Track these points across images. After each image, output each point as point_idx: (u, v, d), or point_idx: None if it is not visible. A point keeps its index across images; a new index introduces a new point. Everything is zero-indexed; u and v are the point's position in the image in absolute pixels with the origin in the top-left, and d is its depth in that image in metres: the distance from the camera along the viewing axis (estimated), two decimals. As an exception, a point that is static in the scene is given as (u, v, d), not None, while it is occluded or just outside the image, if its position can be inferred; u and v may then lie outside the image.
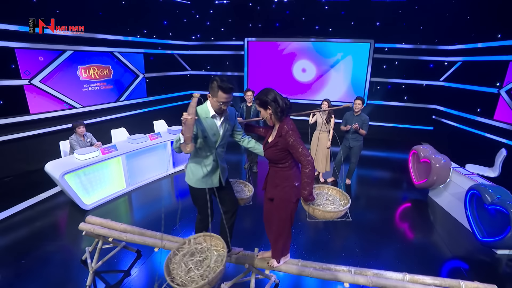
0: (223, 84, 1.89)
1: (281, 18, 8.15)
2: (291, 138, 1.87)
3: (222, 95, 1.91)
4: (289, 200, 2.04)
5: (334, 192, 2.32)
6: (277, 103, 1.90)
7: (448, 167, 4.08)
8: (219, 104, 1.94)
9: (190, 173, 2.15)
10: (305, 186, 1.91)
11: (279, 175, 2.03)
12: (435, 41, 7.18)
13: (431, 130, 7.65)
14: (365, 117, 4.54)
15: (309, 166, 1.86)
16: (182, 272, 1.70)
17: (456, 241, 3.51)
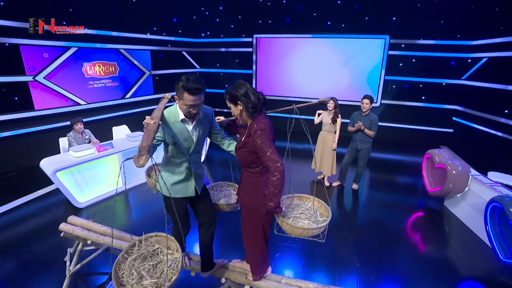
0: (189, 84, 1.59)
1: (292, 14, 7.86)
2: (259, 139, 1.61)
3: (188, 97, 1.63)
4: (259, 210, 1.79)
5: (317, 206, 1.98)
6: (248, 98, 1.64)
7: (467, 174, 3.66)
8: (186, 107, 1.67)
9: (161, 180, 1.92)
10: (271, 196, 1.63)
11: (250, 181, 1.79)
12: (458, 36, 6.63)
13: (451, 133, 7.10)
14: (373, 117, 4.19)
15: (277, 174, 1.57)
16: (133, 280, 1.50)
17: (473, 259, 3.12)
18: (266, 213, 1.79)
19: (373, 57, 7.32)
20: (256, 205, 1.79)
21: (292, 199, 2.02)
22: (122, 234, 2.48)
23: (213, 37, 8.76)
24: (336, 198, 4.50)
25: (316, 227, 1.72)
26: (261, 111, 1.73)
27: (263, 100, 1.70)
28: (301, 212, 1.90)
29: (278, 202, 1.64)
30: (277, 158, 1.59)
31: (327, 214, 1.86)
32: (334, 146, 4.52)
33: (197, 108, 1.71)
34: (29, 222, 3.59)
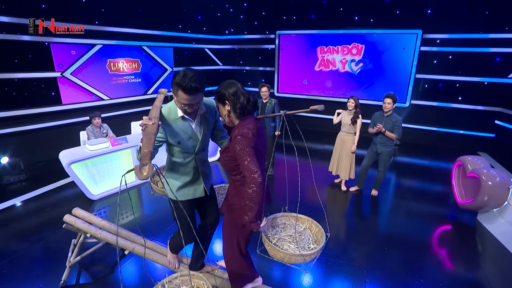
0: (184, 81, 1.41)
1: (317, 9, 7.55)
2: (238, 145, 1.44)
3: (183, 96, 1.46)
4: (234, 222, 1.64)
5: (313, 230, 1.72)
6: (237, 98, 1.51)
7: (507, 186, 3.19)
8: (181, 105, 1.51)
9: (166, 183, 1.80)
10: (246, 210, 1.45)
11: (231, 189, 1.65)
12: (506, 28, 5.87)
13: (492, 138, 6.34)
14: (396, 119, 3.82)
15: (253, 186, 1.39)
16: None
17: (508, 285, 2.69)
18: (242, 226, 1.62)
19: (404, 54, 6.76)
20: (233, 216, 1.65)
21: (289, 218, 1.82)
22: (120, 230, 2.47)
23: (237, 34, 8.71)
24: (352, 204, 4.19)
25: (298, 254, 1.49)
26: (250, 113, 1.58)
27: (253, 103, 1.55)
28: (291, 234, 1.67)
29: (253, 217, 1.45)
30: (255, 169, 1.40)
31: (320, 240, 1.63)
32: (353, 149, 4.22)
33: (193, 108, 1.55)
34: (46, 210, 3.78)
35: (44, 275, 2.63)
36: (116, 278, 2.63)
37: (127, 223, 3.53)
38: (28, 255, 2.91)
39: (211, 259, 2.50)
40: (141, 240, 2.34)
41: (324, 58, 7.82)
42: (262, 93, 4.57)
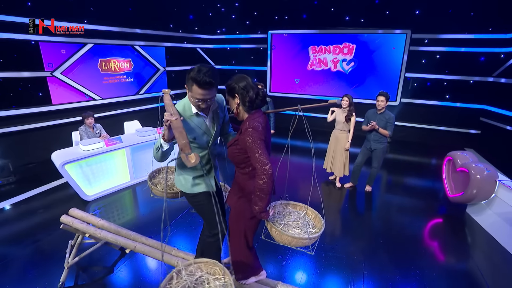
0: (199, 76, 1.44)
1: (308, 9, 7.64)
2: (249, 137, 1.48)
3: (197, 91, 1.49)
4: (242, 214, 1.68)
5: (311, 216, 1.81)
6: (247, 92, 1.56)
7: (494, 179, 3.33)
8: (195, 100, 1.55)
9: (181, 178, 1.80)
10: (256, 200, 1.50)
11: (239, 181, 1.68)
12: (490, 29, 6.11)
13: (478, 134, 6.58)
14: (389, 116, 3.92)
15: (264, 177, 1.44)
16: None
17: (497, 274, 2.82)
18: (251, 218, 1.67)
19: (394, 53, 6.93)
20: (241, 208, 1.69)
21: (286, 206, 1.88)
22: (119, 229, 2.45)
23: (228, 34, 8.71)
24: (347, 200, 4.27)
25: (306, 237, 1.56)
26: (259, 107, 1.63)
27: (262, 97, 1.60)
28: (293, 220, 1.74)
29: (264, 207, 1.51)
30: (266, 161, 1.45)
31: (320, 226, 1.70)
32: (347, 146, 4.30)
33: (207, 104, 1.58)
34: (39, 212, 3.69)
35: (40, 277, 2.58)
36: (115, 279, 2.60)
37: (124, 223, 3.48)
38: (22, 258, 2.84)
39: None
40: (142, 238, 2.33)
41: (316, 57, 7.92)
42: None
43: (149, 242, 2.29)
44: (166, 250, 2.21)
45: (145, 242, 2.29)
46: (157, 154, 1.58)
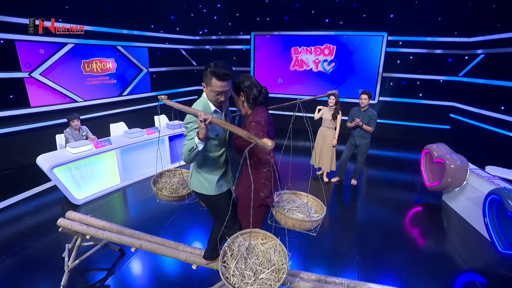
0: (217, 69, 1.55)
1: (289, 12, 7.86)
2: (253, 130, 1.62)
3: (217, 83, 1.59)
4: (249, 203, 1.79)
5: (312, 203, 1.98)
6: (251, 90, 1.70)
7: (465, 168, 3.68)
8: (214, 94, 1.63)
9: (203, 182, 1.81)
10: (262, 187, 1.67)
11: (245, 172, 1.80)
12: (455, 33, 6.66)
13: (448, 129, 7.14)
14: (372, 113, 4.20)
15: (267, 166, 1.62)
16: (251, 280, 1.37)
17: (472, 252, 3.14)
18: (258, 206, 1.78)
19: (371, 54, 7.33)
20: (248, 199, 1.78)
21: (289, 195, 2.02)
22: (122, 228, 2.45)
23: (210, 35, 8.73)
24: (335, 193, 4.50)
25: (308, 220, 1.72)
26: (262, 104, 1.77)
27: (265, 94, 1.74)
28: (297, 206, 1.89)
29: (269, 193, 1.66)
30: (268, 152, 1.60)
31: (321, 211, 1.86)
32: (334, 143, 4.52)
33: (225, 96, 1.67)
34: (26, 219, 3.54)
35: (37, 284, 2.52)
36: (116, 280, 2.60)
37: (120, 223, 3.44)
38: (14, 266, 2.73)
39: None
40: (147, 236, 2.36)
41: (298, 58, 8.16)
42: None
43: (154, 239, 2.32)
44: (172, 246, 2.25)
45: (150, 240, 2.32)
46: (189, 155, 1.58)
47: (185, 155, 1.59)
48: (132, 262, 2.82)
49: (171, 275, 2.69)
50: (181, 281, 2.59)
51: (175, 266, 2.79)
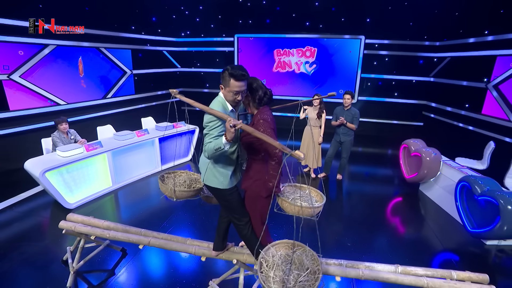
0: (235, 71, 1.71)
1: (271, 15, 8.09)
2: (261, 127, 1.80)
3: (235, 84, 1.73)
4: (259, 194, 1.98)
5: (313, 194, 2.19)
6: (256, 92, 1.89)
7: (439, 160, 4.08)
8: (232, 94, 1.76)
9: (218, 176, 1.92)
10: (270, 177, 1.86)
11: (253, 167, 1.97)
12: (425, 37, 7.23)
13: (421, 126, 7.72)
14: (355, 112, 4.51)
15: (275, 159, 1.82)
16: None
17: (447, 234, 3.51)
18: (266, 197, 1.96)
19: (350, 56, 7.75)
20: (258, 189, 1.97)
21: (293, 187, 2.22)
22: (127, 227, 2.52)
23: (193, 37, 8.76)
24: (322, 188, 4.76)
25: (311, 207, 1.92)
26: (266, 104, 1.95)
27: (269, 96, 1.93)
28: (299, 196, 2.08)
29: (277, 183, 1.86)
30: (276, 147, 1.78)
31: (321, 200, 2.08)
32: (320, 140, 4.79)
33: (242, 95, 1.81)
34: (15, 225, 3.45)
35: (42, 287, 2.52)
36: (119, 280, 2.64)
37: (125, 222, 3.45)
38: (13, 272, 2.69)
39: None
40: (153, 233, 2.44)
41: (280, 60, 8.42)
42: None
43: (161, 235, 2.41)
44: (180, 241, 2.36)
45: (157, 236, 2.40)
46: (215, 153, 1.72)
47: (210, 152, 1.73)
48: (135, 261, 2.87)
49: (174, 272, 2.77)
50: (185, 277, 2.69)
51: (177, 264, 2.87)
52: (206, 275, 2.64)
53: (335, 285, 2.64)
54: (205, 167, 1.94)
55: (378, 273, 2.03)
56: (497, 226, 2.77)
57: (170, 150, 5.35)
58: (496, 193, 2.84)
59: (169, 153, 5.35)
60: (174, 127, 5.29)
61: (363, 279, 2.01)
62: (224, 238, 2.19)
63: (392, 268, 2.09)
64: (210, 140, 1.75)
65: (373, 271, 2.06)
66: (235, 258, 2.12)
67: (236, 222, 2.00)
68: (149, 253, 3.00)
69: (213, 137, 1.74)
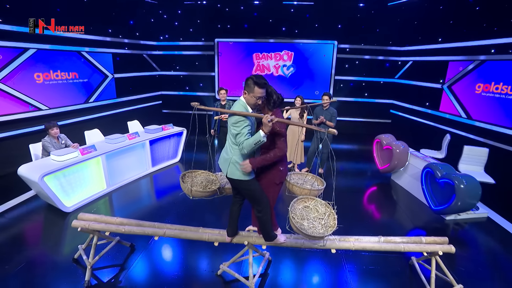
0: (258, 80, 2.06)
1: (249, 20, 8.44)
2: (278, 126, 2.19)
3: (258, 90, 2.07)
4: (273, 181, 2.34)
5: (315, 180, 2.70)
6: (271, 96, 2.24)
7: (407, 151, 4.69)
8: (256, 99, 2.10)
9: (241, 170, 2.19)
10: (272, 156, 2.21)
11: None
12: (390, 42, 8.03)
13: (389, 123, 8.52)
14: (333, 111, 5.00)
15: (279, 153, 2.22)
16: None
17: (415, 213, 4.10)
18: (279, 183, 2.33)
19: (325, 60, 8.35)
20: (271, 177, 2.31)
21: (297, 174, 2.62)
22: (140, 222, 2.71)
23: (172, 41, 8.83)
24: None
25: (317, 189, 2.38)
26: (278, 106, 2.33)
27: (281, 100, 2.31)
28: (304, 181, 2.47)
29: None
30: (285, 144, 2.23)
31: (321, 184, 2.54)
32: (302, 138, 5.22)
33: (262, 100, 2.15)
34: (11, 231, 3.44)
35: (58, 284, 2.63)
36: (133, 272, 2.81)
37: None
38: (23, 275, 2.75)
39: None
40: (166, 225, 2.66)
41: (259, 63, 8.81)
42: (220, 95, 5.15)
43: (174, 227, 2.64)
44: (193, 230, 2.61)
45: (171, 228, 2.63)
46: (254, 147, 2.04)
47: (249, 147, 2.04)
48: (145, 255, 3.04)
49: (182, 262, 3.00)
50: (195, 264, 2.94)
51: (184, 254, 3.10)
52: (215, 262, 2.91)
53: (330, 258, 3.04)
54: (226, 163, 2.22)
55: (366, 244, 2.45)
56: (453, 203, 3.36)
57: (159, 152, 5.49)
58: (452, 175, 3.44)
59: (158, 155, 5.48)
60: (163, 129, 5.44)
61: (353, 249, 2.42)
62: (236, 224, 2.48)
63: (376, 239, 2.53)
64: (246, 137, 2.06)
65: (361, 242, 2.48)
66: (246, 240, 2.43)
67: (257, 207, 2.30)
68: (157, 247, 3.19)
69: (245, 134, 2.06)
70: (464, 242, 3.50)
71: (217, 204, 4.00)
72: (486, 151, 4.44)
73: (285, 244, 2.47)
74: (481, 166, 4.44)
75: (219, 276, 2.73)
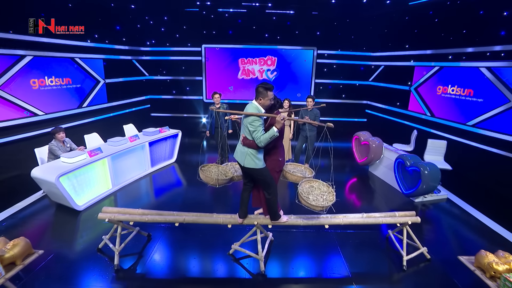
0: (267, 85, 2.61)
1: (234, 26, 8.90)
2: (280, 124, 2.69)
3: (270, 94, 2.62)
4: (274, 170, 2.86)
5: (306, 170, 3.42)
6: (275, 101, 2.78)
7: (382, 146, 5.39)
8: (270, 100, 2.63)
9: (256, 160, 2.63)
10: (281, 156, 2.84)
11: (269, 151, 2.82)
12: (364, 48, 8.85)
13: (365, 122, 9.36)
14: (316, 111, 5.60)
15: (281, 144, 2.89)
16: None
17: (390, 199, 4.78)
18: (278, 171, 2.87)
19: (305, 65, 9.02)
20: (272, 166, 2.82)
21: (292, 165, 3.13)
22: (160, 211, 3.10)
23: (158, 46, 9.07)
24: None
25: (308, 177, 3.01)
26: (278, 109, 2.84)
27: (280, 103, 2.90)
28: (296, 171, 3.01)
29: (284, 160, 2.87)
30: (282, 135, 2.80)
31: (311, 173, 3.15)
32: (290, 136, 5.79)
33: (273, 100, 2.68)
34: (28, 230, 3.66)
35: (89, 272, 2.95)
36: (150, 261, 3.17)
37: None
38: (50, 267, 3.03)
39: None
40: (184, 213, 3.06)
41: (245, 68, 9.30)
42: (214, 99, 5.58)
43: (191, 214, 3.05)
44: (208, 216, 3.04)
45: (188, 215, 3.04)
46: (270, 140, 2.51)
47: (266, 140, 2.52)
48: (162, 244, 3.42)
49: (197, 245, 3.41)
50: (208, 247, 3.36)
51: (198, 238, 3.51)
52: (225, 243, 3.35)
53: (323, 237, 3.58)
54: (243, 155, 2.68)
55: (352, 219, 3.03)
56: (420, 186, 4.06)
57: (157, 153, 5.80)
58: (418, 164, 4.14)
59: (156, 156, 5.80)
60: (160, 131, 5.77)
61: (342, 224, 2.99)
62: (246, 207, 2.95)
63: (360, 215, 3.12)
64: (262, 133, 2.54)
65: (348, 218, 3.05)
66: (255, 221, 2.92)
67: (267, 191, 2.78)
68: (171, 234, 3.57)
69: (261, 130, 2.55)
70: (429, 218, 4.22)
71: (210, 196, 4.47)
72: (444, 143, 5.24)
73: (287, 223, 2.98)
74: (441, 156, 5.23)
75: (231, 255, 3.18)
